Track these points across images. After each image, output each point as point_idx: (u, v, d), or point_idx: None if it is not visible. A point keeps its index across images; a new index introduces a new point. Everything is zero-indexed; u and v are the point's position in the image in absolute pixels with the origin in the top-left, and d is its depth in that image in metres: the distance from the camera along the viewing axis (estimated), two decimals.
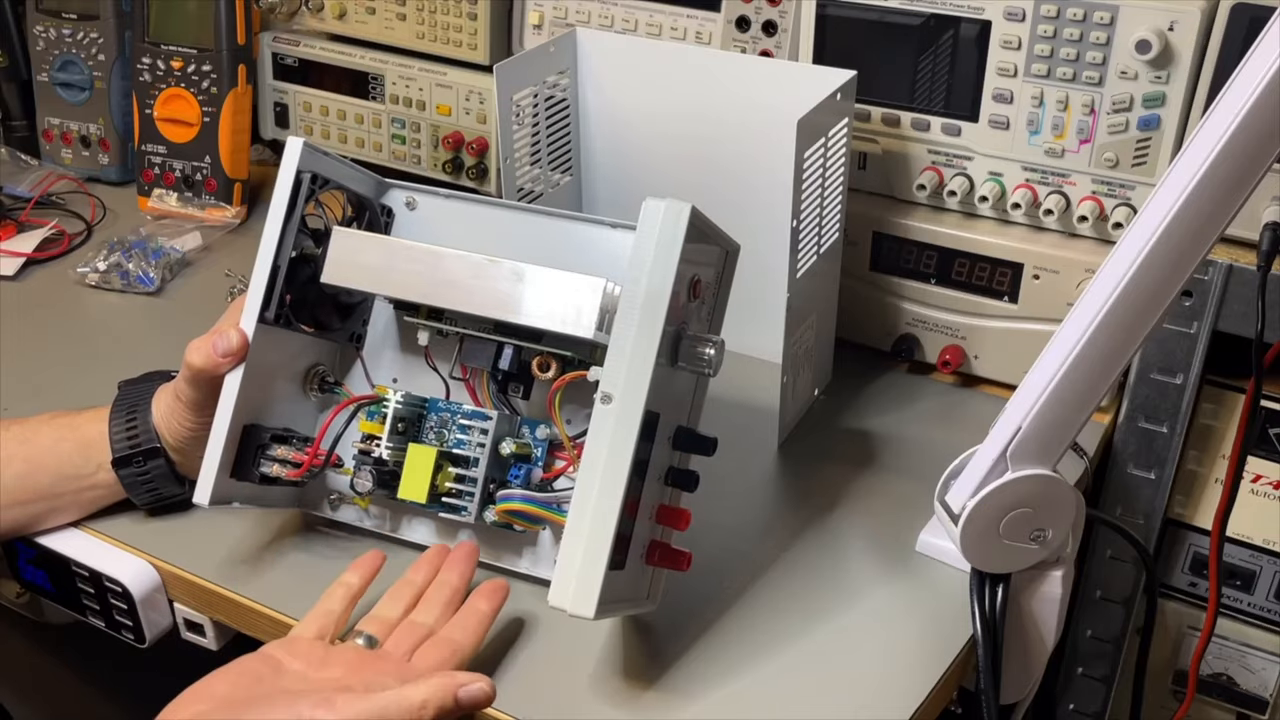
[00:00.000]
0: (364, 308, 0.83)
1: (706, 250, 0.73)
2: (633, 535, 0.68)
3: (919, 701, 0.71)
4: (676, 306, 0.67)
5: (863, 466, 0.91)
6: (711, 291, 0.75)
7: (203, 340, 0.75)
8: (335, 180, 0.79)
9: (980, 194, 0.95)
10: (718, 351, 0.70)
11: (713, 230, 0.72)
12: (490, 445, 0.75)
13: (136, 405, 0.81)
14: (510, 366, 0.76)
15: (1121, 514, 0.95)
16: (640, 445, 0.65)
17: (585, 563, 0.64)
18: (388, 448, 0.76)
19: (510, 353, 0.76)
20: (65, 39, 1.31)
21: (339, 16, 1.21)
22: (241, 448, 0.76)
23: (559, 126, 1.00)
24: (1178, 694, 1.00)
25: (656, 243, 0.65)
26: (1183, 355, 0.88)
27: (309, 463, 0.77)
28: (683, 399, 0.74)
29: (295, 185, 0.76)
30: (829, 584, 0.80)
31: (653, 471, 0.69)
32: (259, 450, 0.77)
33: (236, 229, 1.25)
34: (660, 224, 0.65)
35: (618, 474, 0.64)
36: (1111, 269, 0.63)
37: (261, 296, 0.76)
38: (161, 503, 0.83)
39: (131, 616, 0.81)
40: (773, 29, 1.01)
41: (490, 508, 0.75)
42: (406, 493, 0.76)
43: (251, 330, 0.75)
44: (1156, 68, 0.85)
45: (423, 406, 0.79)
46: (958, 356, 0.98)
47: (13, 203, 1.27)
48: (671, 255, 0.65)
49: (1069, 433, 0.67)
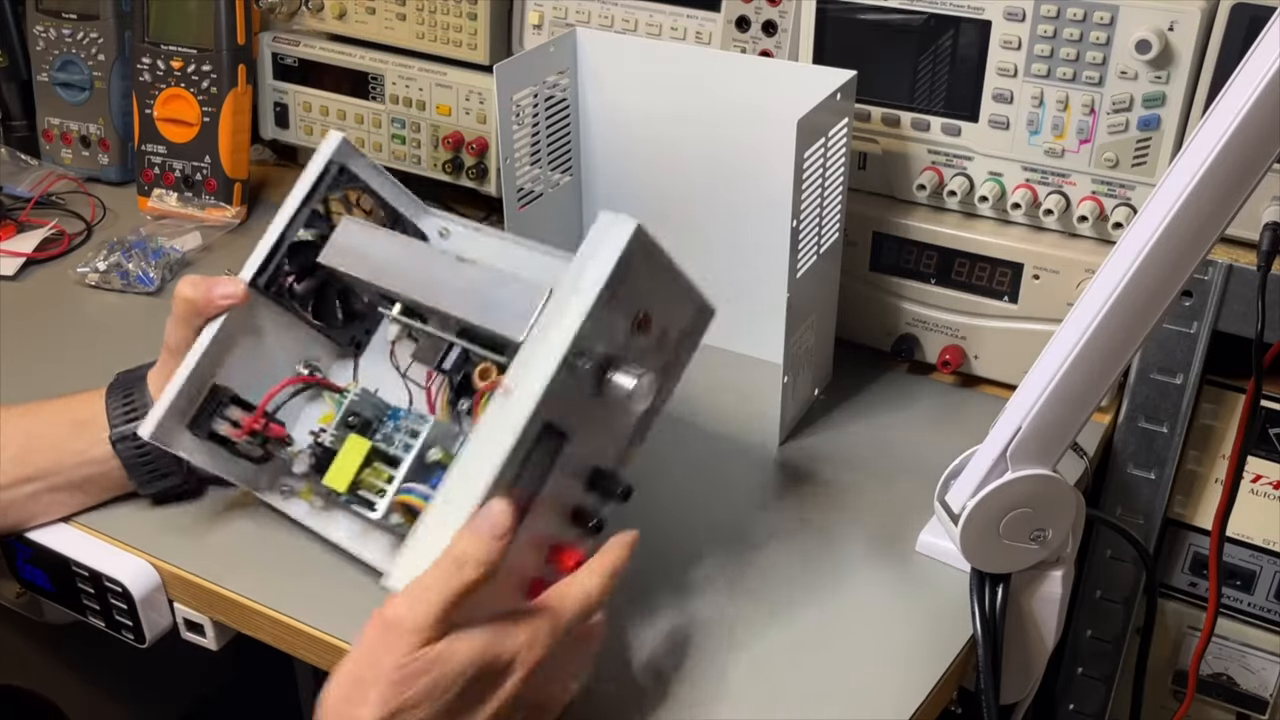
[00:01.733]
0: (370, 319, 0.85)
1: (665, 290, 0.69)
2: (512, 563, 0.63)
3: (919, 701, 0.71)
4: (606, 327, 0.64)
5: (863, 466, 0.91)
6: (671, 341, 0.71)
7: (199, 277, 0.77)
8: (364, 181, 0.81)
9: (980, 194, 0.95)
10: (640, 383, 0.66)
11: (674, 272, 0.69)
12: (419, 448, 0.74)
13: (133, 384, 0.82)
14: (453, 368, 0.76)
15: (1121, 514, 0.95)
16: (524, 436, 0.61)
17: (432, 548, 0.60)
18: (331, 435, 0.77)
19: (457, 353, 0.76)
20: (65, 39, 1.31)
21: (339, 16, 1.21)
22: (204, 405, 0.77)
23: (559, 126, 1.00)
24: (1178, 694, 1.00)
25: (593, 251, 0.64)
26: (1183, 355, 0.88)
27: (249, 424, 0.77)
28: (608, 437, 0.70)
29: (323, 171, 0.79)
30: (829, 584, 0.80)
31: (553, 503, 0.66)
32: (217, 407, 0.77)
33: (236, 229, 1.25)
34: (601, 233, 0.64)
35: (491, 463, 0.61)
36: (1111, 269, 0.64)
37: (261, 259, 0.78)
38: (162, 483, 0.82)
39: (131, 616, 0.81)
40: (773, 29, 1.01)
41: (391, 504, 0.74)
42: (331, 479, 0.75)
43: (247, 281, 0.77)
44: (1156, 68, 0.85)
45: (384, 410, 0.78)
46: (958, 356, 0.98)
47: (13, 203, 1.27)
48: (603, 264, 0.63)
49: (1069, 433, 0.67)
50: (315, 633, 0.75)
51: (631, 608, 0.76)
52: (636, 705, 0.70)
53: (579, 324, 0.63)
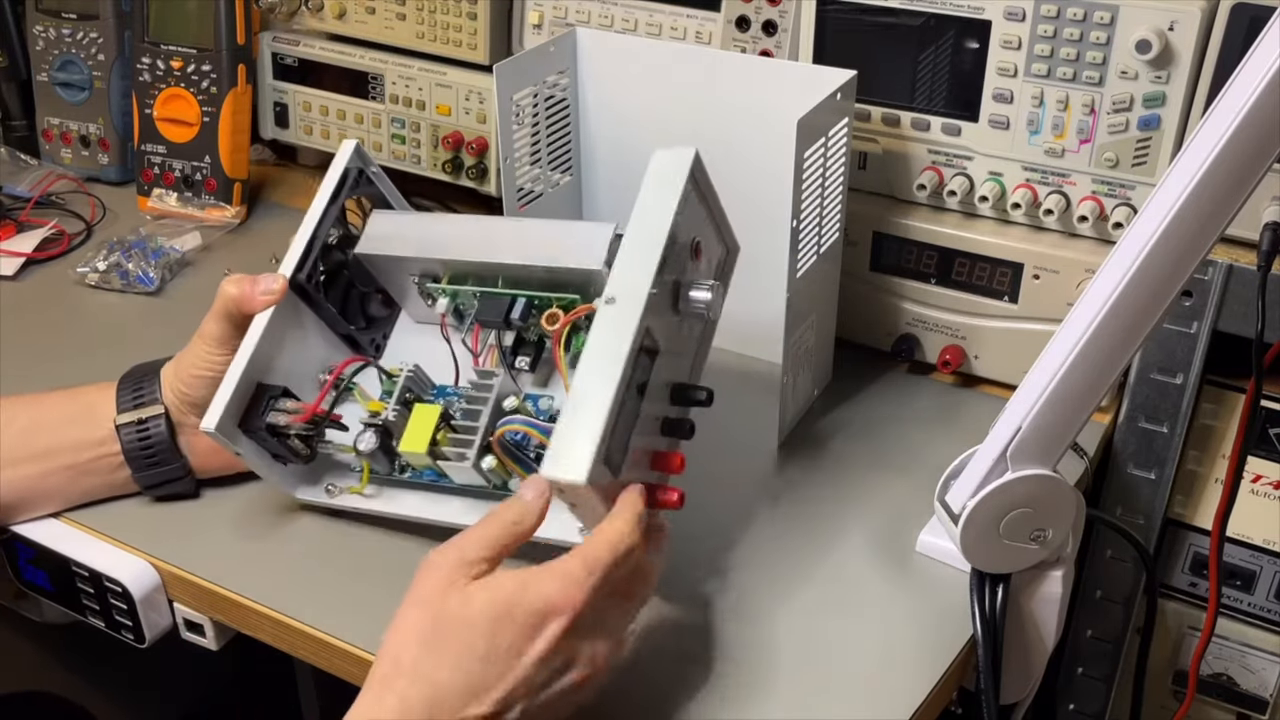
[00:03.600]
0: (388, 321, 0.88)
1: (707, 224, 0.75)
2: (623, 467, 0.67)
3: (919, 701, 0.71)
4: (677, 251, 0.70)
5: (863, 466, 0.91)
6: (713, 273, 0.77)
7: (242, 276, 0.79)
8: (377, 187, 0.86)
9: (980, 194, 0.95)
10: (714, 295, 0.72)
11: (713, 201, 0.75)
12: (494, 396, 0.77)
13: (145, 375, 0.83)
14: (522, 316, 0.79)
15: (1121, 514, 0.95)
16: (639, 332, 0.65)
17: (579, 433, 0.63)
18: (394, 410, 0.79)
19: (522, 303, 0.79)
20: (65, 39, 1.31)
21: (339, 16, 1.21)
22: (251, 404, 0.78)
23: (559, 126, 1.00)
24: (1178, 694, 1.00)
25: (660, 179, 0.70)
26: (1183, 355, 0.88)
27: (312, 409, 0.78)
28: (682, 352, 0.75)
29: (344, 176, 0.83)
30: (829, 584, 0.80)
31: (647, 418, 0.69)
32: (269, 401, 0.78)
33: (236, 229, 1.25)
34: (667, 162, 0.71)
35: (616, 357, 0.65)
36: (1111, 269, 0.64)
37: (299, 257, 0.80)
38: (157, 472, 0.82)
39: (131, 616, 0.81)
40: (773, 29, 1.01)
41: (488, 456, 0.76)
42: (408, 444, 0.77)
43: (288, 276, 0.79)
44: (1156, 68, 0.85)
45: (431, 388, 0.82)
46: (958, 356, 0.98)
47: (12, 203, 1.27)
48: (675, 186, 0.69)
49: (1069, 433, 0.67)
50: (315, 633, 0.75)
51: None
52: (634, 707, 0.70)
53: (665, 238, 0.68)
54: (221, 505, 0.85)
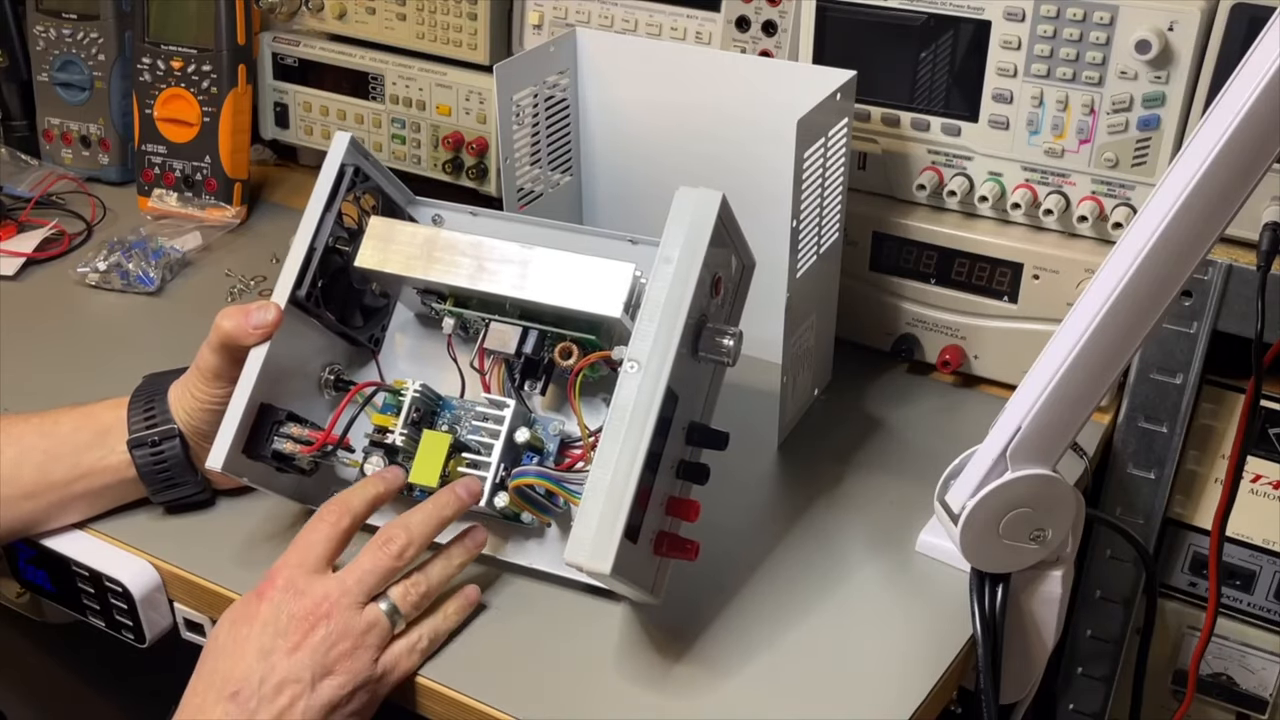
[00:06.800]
0: (385, 312, 0.85)
1: (725, 254, 0.74)
2: (643, 524, 0.68)
3: (919, 701, 0.71)
4: (701, 294, 0.69)
5: (863, 466, 0.91)
6: (729, 298, 0.76)
7: (236, 309, 0.77)
8: (374, 180, 0.82)
9: (980, 194, 0.95)
10: (736, 342, 0.72)
11: (735, 233, 0.74)
12: (506, 431, 0.75)
13: (155, 393, 0.82)
14: (534, 350, 0.77)
15: (1121, 514, 0.95)
16: (664, 404, 0.66)
17: (604, 519, 0.64)
18: (401, 434, 0.77)
19: (535, 336, 0.77)
20: (65, 39, 1.31)
21: (339, 16, 1.21)
22: (256, 426, 0.77)
23: (559, 126, 1.00)
24: (1178, 694, 1.00)
25: (690, 225, 0.68)
26: (1183, 355, 0.88)
27: (322, 440, 0.77)
28: (698, 393, 0.75)
29: (339, 175, 0.79)
30: (829, 584, 0.80)
31: (665, 462, 0.70)
32: (274, 427, 0.77)
33: (236, 229, 1.25)
34: (693, 208, 0.69)
35: (642, 431, 0.65)
36: (1111, 269, 0.63)
37: (296, 275, 0.77)
38: (174, 491, 0.82)
39: (131, 616, 0.81)
40: (773, 29, 1.01)
41: (501, 493, 0.75)
42: (418, 476, 0.76)
43: (283, 306, 0.77)
44: (1156, 68, 0.85)
45: (437, 402, 0.80)
46: (958, 356, 0.98)
47: (13, 203, 1.27)
48: (702, 237, 0.68)
49: (1069, 432, 0.67)
50: None
51: (630, 607, 0.76)
52: (632, 704, 0.70)
53: (691, 293, 0.67)
54: (223, 506, 0.85)
